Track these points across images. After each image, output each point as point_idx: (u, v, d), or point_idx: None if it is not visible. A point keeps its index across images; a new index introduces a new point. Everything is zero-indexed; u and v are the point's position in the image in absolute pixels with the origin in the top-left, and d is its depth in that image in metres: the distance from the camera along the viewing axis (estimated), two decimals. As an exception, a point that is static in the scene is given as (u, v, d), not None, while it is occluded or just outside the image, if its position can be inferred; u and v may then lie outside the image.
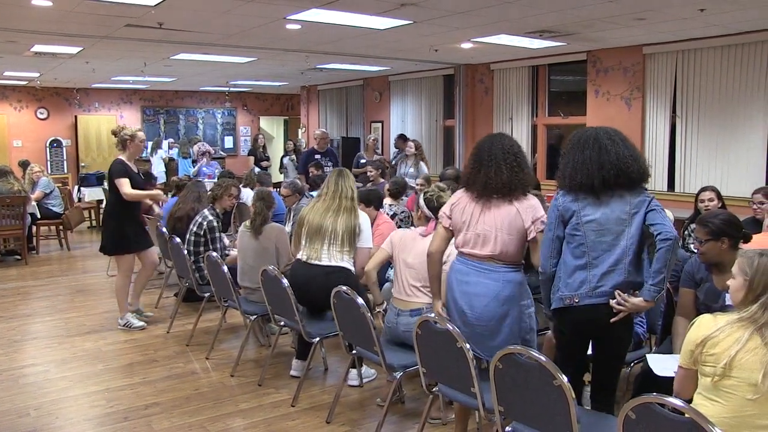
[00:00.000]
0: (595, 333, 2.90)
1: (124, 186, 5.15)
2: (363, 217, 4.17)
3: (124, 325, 5.50)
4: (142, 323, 5.52)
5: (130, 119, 15.39)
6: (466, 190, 3.24)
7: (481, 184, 3.12)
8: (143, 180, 5.61)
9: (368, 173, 7.70)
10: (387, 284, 4.02)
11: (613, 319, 2.77)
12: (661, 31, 6.93)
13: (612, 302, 2.77)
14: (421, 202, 3.73)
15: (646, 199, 2.81)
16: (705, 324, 2.31)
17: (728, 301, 2.50)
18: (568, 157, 2.89)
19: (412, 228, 3.93)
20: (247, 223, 4.74)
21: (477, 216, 3.14)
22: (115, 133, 5.35)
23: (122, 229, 5.27)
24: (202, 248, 5.14)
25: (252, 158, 11.28)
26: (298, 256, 4.17)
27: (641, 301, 2.74)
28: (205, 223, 5.20)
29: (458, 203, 3.23)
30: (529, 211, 3.08)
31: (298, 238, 4.24)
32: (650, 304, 2.75)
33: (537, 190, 4.26)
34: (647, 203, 2.79)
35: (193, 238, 5.21)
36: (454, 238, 3.28)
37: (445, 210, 3.29)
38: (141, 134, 5.39)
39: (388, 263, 4.03)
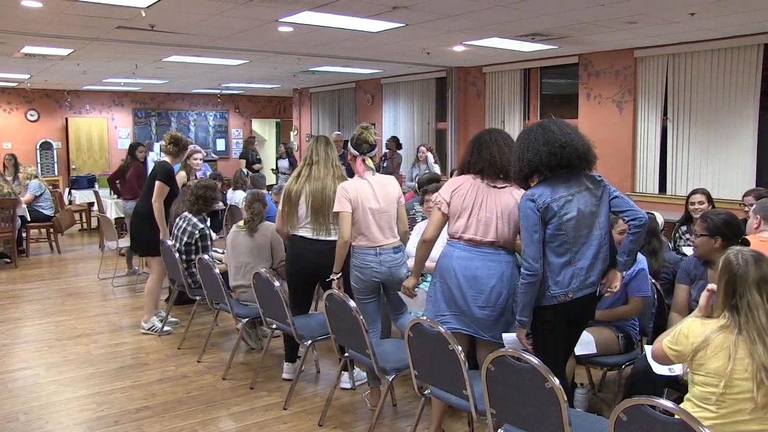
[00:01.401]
0: (577, 320, 3.02)
1: (160, 191, 5.22)
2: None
3: (149, 329, 5.42)
4: (167, 327, 5.47)
5: (122, 121, 15.34)
6: (466, 173, 3.23)
7: (486, 162, 3.14)
8: (179, 191, 5.65)
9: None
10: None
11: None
12: (652, 34, 6.97)
13: (602, 291, 2.98)
14: (349, 146, 3.95)
15: (605, 187, 2.94)
16: (694, 332, 2.30)
17: None
18: (516, 147, 2.99)
19: (352, 179, 3.94)
20: (240, 223, 4.73)
21: (479, 202, 3.14)
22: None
23: (154, 231, 5.25)
24: (193, 256, 5.08)
25: (244, 161, 11.25)
26: (300, 233, 4.09)
27: (617, 274, 2.97)
28: (196, 231, 5.08)
29: (459, 189, 3.20)
30: None
31: (291, 212, 4.11)
32: (622, 272, 2.99)
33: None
34: (607, 191, 2.94)
35: (183, 247, 5.13)
36: (447, 225, 3.26)
37: (444, 196, 3.23)
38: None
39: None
